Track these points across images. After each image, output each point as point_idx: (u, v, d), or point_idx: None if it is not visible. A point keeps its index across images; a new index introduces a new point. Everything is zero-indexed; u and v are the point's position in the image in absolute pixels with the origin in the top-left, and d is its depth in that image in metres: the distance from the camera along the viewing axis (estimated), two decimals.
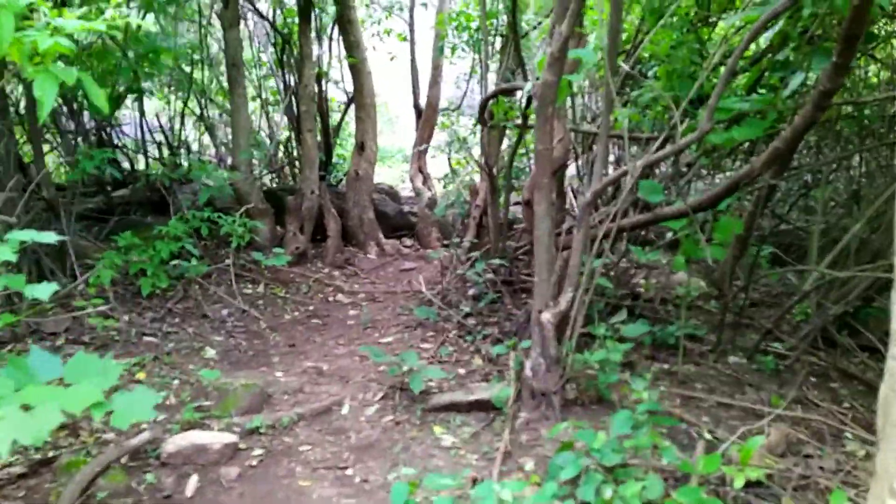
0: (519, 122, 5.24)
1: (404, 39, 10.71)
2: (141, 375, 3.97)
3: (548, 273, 3.38)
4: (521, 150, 6.23)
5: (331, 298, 6.09)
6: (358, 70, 7.90)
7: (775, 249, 5.28)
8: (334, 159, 8.47)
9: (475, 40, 7.11)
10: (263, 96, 8.70)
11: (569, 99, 5.84)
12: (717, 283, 4.75)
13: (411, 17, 10.74)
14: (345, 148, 9.74)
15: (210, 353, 4.53)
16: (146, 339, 4.58)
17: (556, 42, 3.08)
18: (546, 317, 3.30)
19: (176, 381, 3.94)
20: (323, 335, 5.14)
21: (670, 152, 3.31)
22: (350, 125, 8.87)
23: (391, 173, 13.62)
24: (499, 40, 7.24)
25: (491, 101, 5.22)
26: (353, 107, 8.27)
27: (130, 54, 6.47)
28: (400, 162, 18.96)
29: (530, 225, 4.50)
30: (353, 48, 7.86)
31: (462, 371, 4.15)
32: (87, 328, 4.61)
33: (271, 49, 8.44)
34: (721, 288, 4.53)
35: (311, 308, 5.79)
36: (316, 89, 7.60)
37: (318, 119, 7.94)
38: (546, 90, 3.20)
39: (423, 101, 11.28)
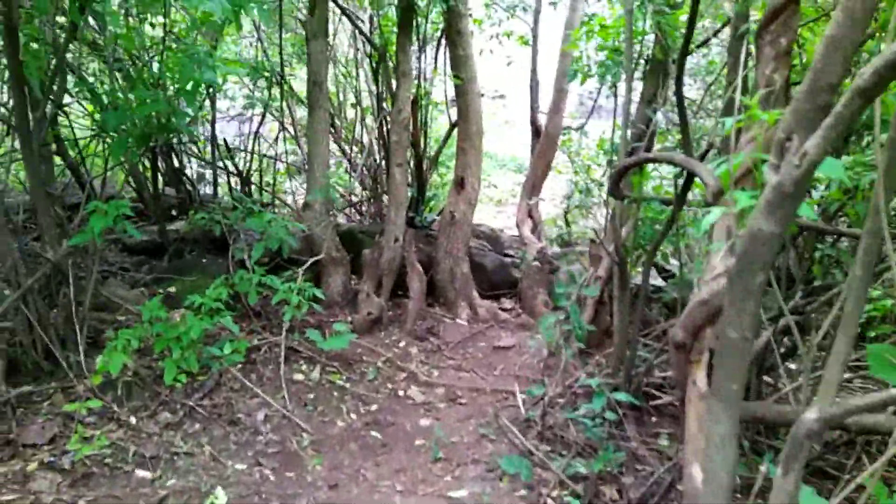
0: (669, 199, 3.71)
1: (525, 43, 9.29)
2: None
3: None
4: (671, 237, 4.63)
5: (401, 392, 4.79)
6: (464, 91, 6.54)
7: None
8: (428, 193, 7.16)
9: (614, 64, 5.55)
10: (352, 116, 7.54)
11: None
12: None
13: (536, 21, 9.26)
14: (441, 171, 8.42)
15: (220, 499, 3.34)
16: (140, 472, 3.45)
17: (792, 171, 1.55)
18: None
19: None
20: (378, 467, 3.83)
21: None
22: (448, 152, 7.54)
23: (496, 192, 12.23)
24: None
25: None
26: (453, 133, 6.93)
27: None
28: (512, 171, 17.52)
29: (681, 376, 2.97)
30: (460, 65, 6.51)
31: None
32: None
33: (366, 64, 7.25)
34: None
35: (373, 409, 4.51)
36: (410, 113, 6.30)
37: (412, 147, 6.65)
38: (757, 248, 1.67)
39: (541, 119, 9.88)
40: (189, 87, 3.75)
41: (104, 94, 4.17)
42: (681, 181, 3.63)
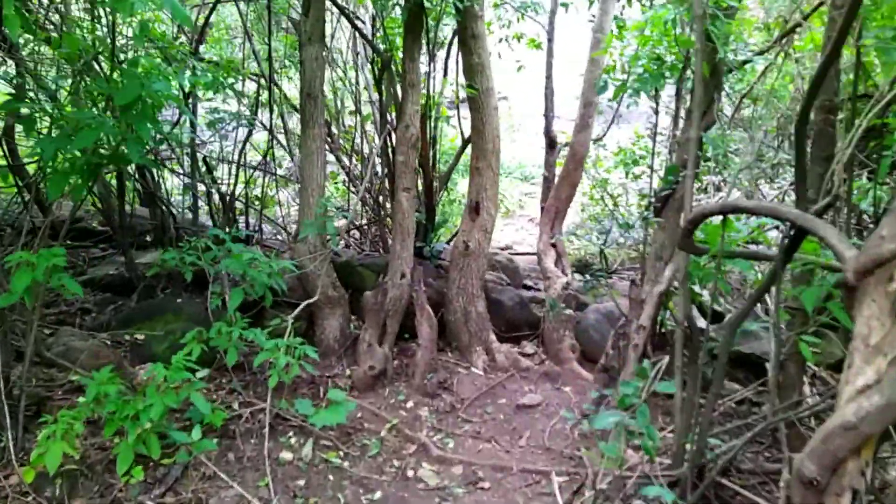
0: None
1: (538, 47, 8.49)
2: None
3: None
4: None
5: (411, 472, 3.96)
6: (479, 105, 5.73)
7: None
8: (438, 218, 6.33)
9: (653, 77, 4.73)
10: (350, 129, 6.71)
11: None
12: None
13: (551, 23, 8.46)
14: (453, 194, 7.60)
15: None
16: None
17: None
18: None
19: None
20: None
21: None
22: (461, 170, 6.72)
23: (502, 203, 11.39)
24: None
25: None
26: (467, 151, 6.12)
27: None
28: (519, 180, 16.76)
29: None
30: (475, 73, 5.69)
31: None
32: None
33: (367, 70, 6.42)
34: None
35: (377, 497, 3.68)
36: (418, 129, 5.48)
37: (420, 168, 5.83)
38: None
39: (557, 129, 9.09)
40: (137, 104, 2.91)
41: (37, 112, 3.33)
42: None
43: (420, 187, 6.05)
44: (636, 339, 4.52)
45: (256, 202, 6.82)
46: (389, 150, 5.76)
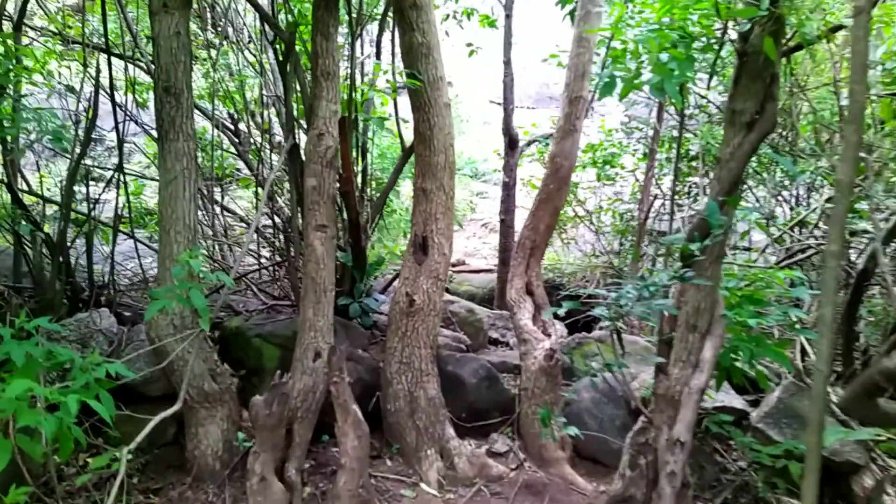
0: None
1: (492, 24, 7.01)
2: None
3: None
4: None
5: None
6: (426, 102, 4.08)
7: None
8: (371, 259, 4.63)
9: (681, 65, 3.16)
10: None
11: None
12: None
13: None
14: (390, 229, 5.90)
15: None
16: None
17: None
18: None
19: None
20: None
21: None
22: (400, 196, 5.05)
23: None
24: None
25: None
26: (411, 168, 4.44)
27: None
28: (468, 177, 14.95)
29: None
30: (417, 57, 4.04)
31: None
32: None
33: (270, 55, 4.68)
34: None
35: None
36: (337, 138, 3.80)
37: (342, 194, 4.14)
38: None
39: (517, 125, 7.60)
40: None
41: None
42: None
43: (344, 220, 4.35)
44: (671, 461, 2.96)
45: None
46: (297, 172, 4.04)
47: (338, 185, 3.82)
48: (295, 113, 4.14)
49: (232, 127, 5.44)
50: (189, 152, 3.46)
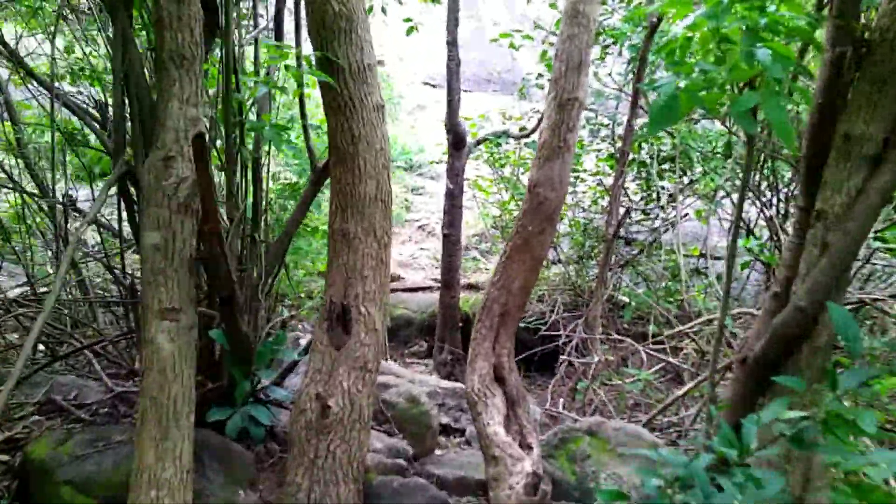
0: None
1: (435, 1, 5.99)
2: None
3: None
4: None
5: None
6: (346, 100, 2.66)
7: None
8: (264, 337, 3.15)
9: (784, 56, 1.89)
10: None
11: None
12: None
13: None
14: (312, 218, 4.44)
15: None
16: None
17: None
18: None
19: None
20: None
21: None
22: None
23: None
24: None
25: None
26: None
27: None
28: (402, 169, 13.13)
29: None
30: (334, 36, 2.62)
31: None
32: None
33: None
34: None
35: None
36: (197, 166, 2.32)
37: (205, 244, 2.64)
38: None
39: (462, 121, 6.33)
40: None
41: None
42: None
43: (214, 297, 2.86)
44: None
45: None
46: (135, 212, 2.56)
47: (196, 239, 2.34)
48: (128, 115, 2.62)
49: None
50: None
